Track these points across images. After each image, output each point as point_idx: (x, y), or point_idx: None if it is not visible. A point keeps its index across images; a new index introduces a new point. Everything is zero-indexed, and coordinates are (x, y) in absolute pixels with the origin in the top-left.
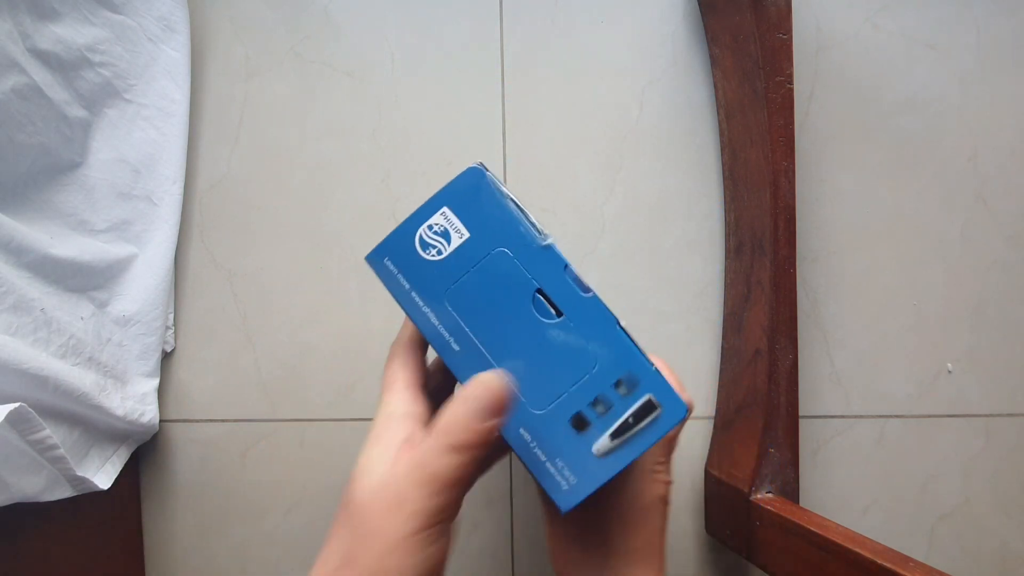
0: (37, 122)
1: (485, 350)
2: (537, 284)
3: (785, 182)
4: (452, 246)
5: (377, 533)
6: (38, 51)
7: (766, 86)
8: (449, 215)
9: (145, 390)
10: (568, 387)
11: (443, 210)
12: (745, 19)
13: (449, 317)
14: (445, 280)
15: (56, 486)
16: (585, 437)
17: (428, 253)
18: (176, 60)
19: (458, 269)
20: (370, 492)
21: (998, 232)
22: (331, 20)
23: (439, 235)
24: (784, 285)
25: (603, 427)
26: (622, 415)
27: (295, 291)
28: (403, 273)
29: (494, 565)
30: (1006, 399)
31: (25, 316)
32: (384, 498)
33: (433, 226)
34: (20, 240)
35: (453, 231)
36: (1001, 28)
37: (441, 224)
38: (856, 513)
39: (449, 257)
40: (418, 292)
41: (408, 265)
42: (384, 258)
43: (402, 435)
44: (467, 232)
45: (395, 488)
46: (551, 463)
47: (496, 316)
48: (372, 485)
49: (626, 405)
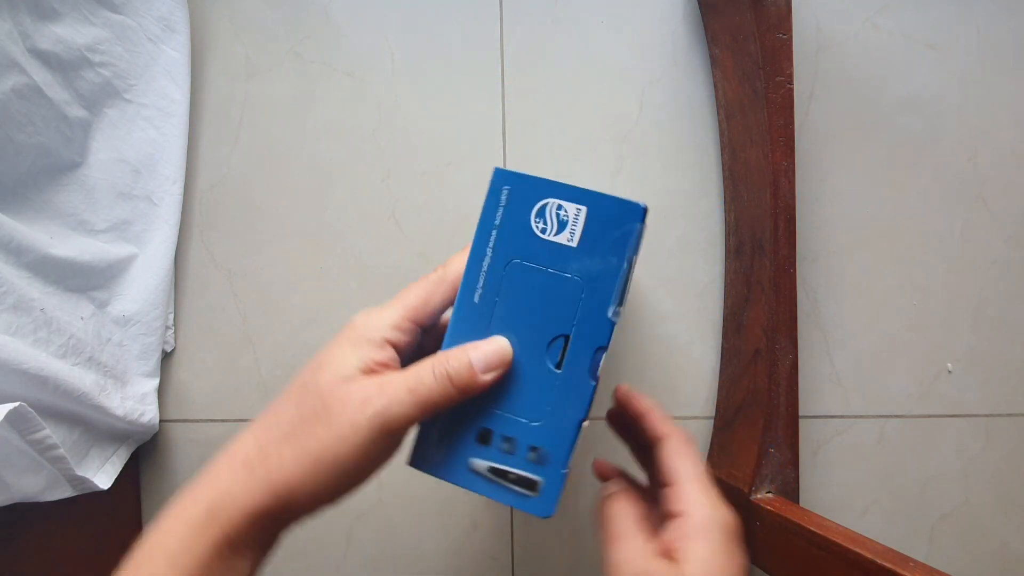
0: (37, 122)
1: (492, 325)
2: (571, 333)
3: (785, 182)
4: (554, 238)
5: (338, 420)
6: (38, 51)
7: (766, 86)
8: (581, 216)
9: (145, 390)
10: (508, 411)
11: (582, 207)
12: (745, 19)
13: (497, 277)
14: (524, 252)
15: (56, 486)
16: (475, 448)
17: (535, 222)
18: (176, 60)
19: (541, 257)
20: (341, 386)
21: (998, 232)
22: (331, 20)
23: (558, 220)
24: (784, 285)
25: (492, 457)
26: (512, 468)
27: (295, 291)
28: (505, 211)
29: (494, 565)
30: (1006, 399)
31: (25, 316)
32: (354, 394)
33: (563, 209)
34: (20, 240)
35: (569, 229)
36: (1001, 28)
37: (570, 215)
38: (856, 513)
39: (545, 242)
40: (498, 235)
41: (514, 212)
42: (506, 186)
43: (379, 356)
44: (577, 242)
45: (369, 391)
46: (440, 435)
47: (523, 315)
48: (342, 380)
49: (522, 466)
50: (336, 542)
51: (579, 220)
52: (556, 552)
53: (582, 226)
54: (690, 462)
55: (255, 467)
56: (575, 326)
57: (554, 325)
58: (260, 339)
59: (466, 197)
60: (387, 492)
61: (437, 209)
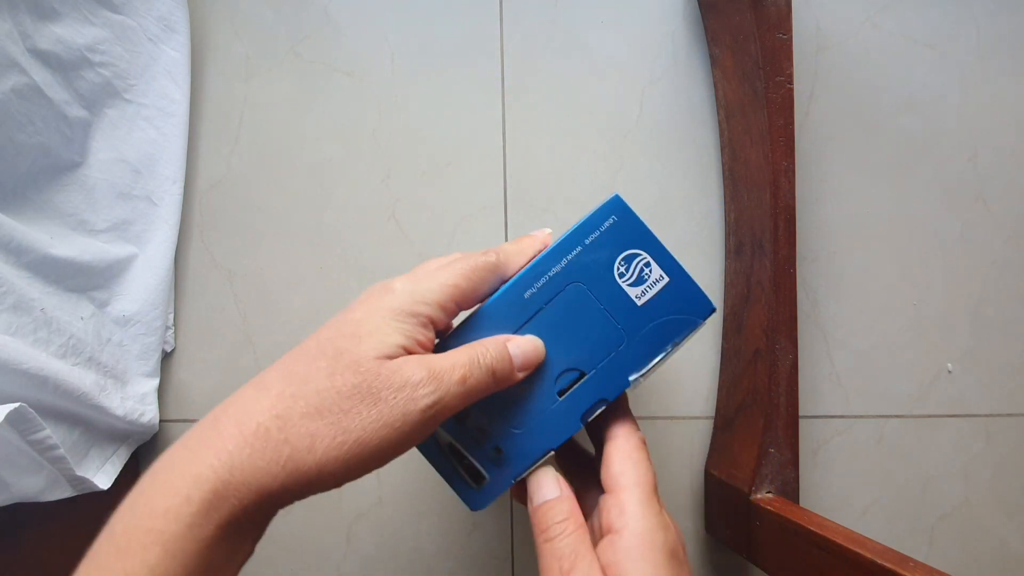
0: (37, 122)
1: (528, 326)
2: (588, 374)
3: (785, 182)
4: (627, 287)
5: (388, 406)
6: (38, 51)
7: (766, 86)
8: (661, 284)
9: (145, 390)
10: (498, 408)
11: (666, 278)
12: (745, 19)
13: (555, 288)
14: (592, 283)
15: (56, 486)
16: (451, 422)
17: (619, 264)
18: (176, 60)
19: (604, 296)
20: (387, 365)
21: (998, 232)
22: (331, 20)
23: (639, 274)
24: (784, 285)
25: (460, 438)
26: (471, 456)
27: (295, 291)
28: (599, 237)
29: (494, 565)
30: (1006, 399)
31: (25, 316)
32: (406, 379)
33: (650, 268)
34: (20, 240)
35: (643, 288)
36: (1001, 28)
37: (652, 277)
38: (856, 513)
39: (617, 286)
40: (579, 255)
41: (606, 244)
42: (614, 216)
43: (421, 336)
44: (642, 303)
45: (421, 376)
46: None
47: (559, 334)
48: (387, 359)
49: (480, 458)
50: (336, 542)
51: (656, 286)
52: None
53: (655, 293)
54: (634, 467)
55: (275, 442)
56: (595, 370)
57: (579, 358)
58: (260, 339)
59: (466, 197)
60: (387, 492)
61: (437, 209)
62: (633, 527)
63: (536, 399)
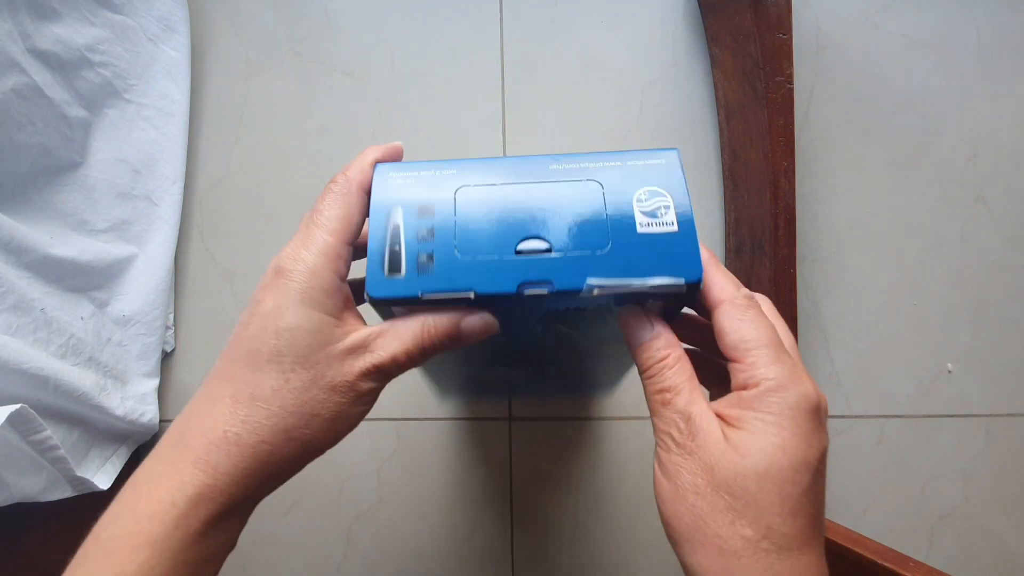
0: (37, 122)
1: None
2: (554, 253)
3: (785, 182)
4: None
5: (340, 397)
6: (38, 51)
7: (766, 86)
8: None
9: (145, 390)
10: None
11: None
12: (745, 19)
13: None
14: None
15: (56, 486)
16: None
17: (638, 193)
18: (176, 60)
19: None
20: (331, 357)
21: (998, 232)
22: (331, 20)
23: (652, 207)
24: (784, 285)
25: (407, 242)
26: (404, 245)
27: None
28: (637, 167)
29: (494, 565)
30: (1006, 399)
31: (25, 316)
32: (349, 367)
33: (665, 208)
34: (20, 240)
35: (652, 220)
36: (1001, 28)
37: (660, 214)
38: (856, 513)
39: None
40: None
41: (639, 171)
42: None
43: (338, 302)
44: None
45: (364, 361)
46: None
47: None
48: (325, 346)
49: (411, 250)
50: (336, 542)
51: (663, 227)
52: (556, 552)
53: (658, 231)
54: (751, 327)
55: (251, 444)
56: (563, 254)
57: (555, 235)
58: None
59: None
60: (387, 492)
61: None
62: (764, 383)
63: (492, 240)
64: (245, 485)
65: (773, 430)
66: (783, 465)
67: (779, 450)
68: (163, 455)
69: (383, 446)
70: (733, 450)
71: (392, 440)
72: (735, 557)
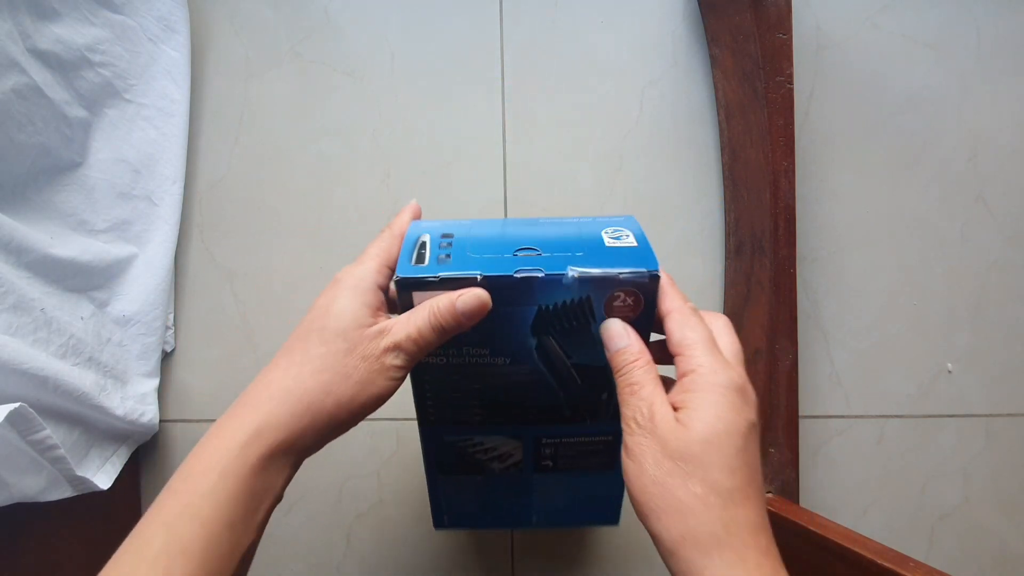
0: (37, 122)
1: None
2: (542, 253)
3: (785, 182)
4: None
5: (371, 357)
6: (38, 51)
7: (766, 86)
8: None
9: (145, 390)
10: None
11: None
12: (745, 19)
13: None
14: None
15: (56, 486)
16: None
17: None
18: (176, 60)
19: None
20: (363, 331)
21: (998, 232)
22: (331, 20)
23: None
24: (784, 285)
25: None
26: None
27: (295, 291)
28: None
29: (494, 565)
30: (1006, 399)
31: (25, 316)
32: (380, 337)
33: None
34: (20, 240)
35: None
36: (1001, 28)
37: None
38: (856, 513)
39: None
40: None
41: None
42: None
43: (375, 301)
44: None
45: (381, 335)
46: None
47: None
48: (361, 326)
49: (435, 242)
50: (336, 542)
51: (625, 242)
52: (556, 552)
53: (621, 245)
54: (692, 329)
55: (296, 395)
56: (549, 254)
57: (541, 243)
58: (260, 339)
59: (466, 197)
60: (387, 492)
61: (437, 209)
62: (699, 369)
63: (496, 247)
64: (291, 430)
65: (709, 405)
66: (719, 430)
67: (715, 419)
68: (230, 411)
69: (383, 447)
70: (681, 426)
71: (392, 441)
72: (691, 514)
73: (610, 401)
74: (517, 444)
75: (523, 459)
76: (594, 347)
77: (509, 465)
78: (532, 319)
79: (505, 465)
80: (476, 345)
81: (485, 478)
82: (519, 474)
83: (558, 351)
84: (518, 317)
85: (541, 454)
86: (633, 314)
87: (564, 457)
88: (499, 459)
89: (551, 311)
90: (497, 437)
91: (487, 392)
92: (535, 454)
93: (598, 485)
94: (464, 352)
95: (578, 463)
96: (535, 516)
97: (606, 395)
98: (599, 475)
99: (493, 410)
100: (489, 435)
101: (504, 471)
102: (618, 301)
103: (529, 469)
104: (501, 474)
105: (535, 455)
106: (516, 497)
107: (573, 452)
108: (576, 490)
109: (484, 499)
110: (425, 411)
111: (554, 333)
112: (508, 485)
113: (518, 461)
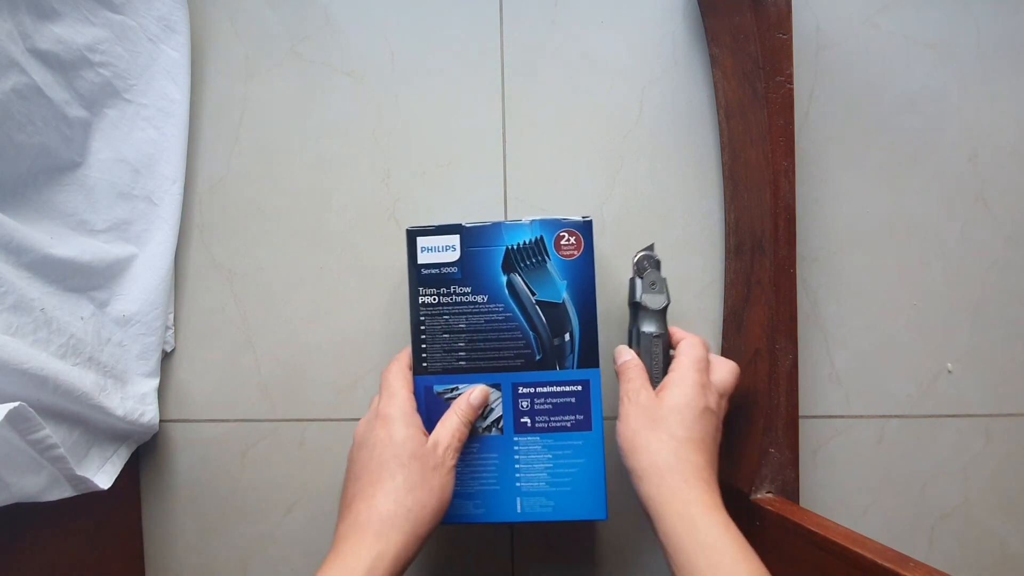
0: (37, 122)
1: None
2: None
3: (785, 182)
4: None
5: (442, 471)
6: (38, 51)
7: (766, 86)
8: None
9: (145, 390)
10: None
11: None
12: (745, 19)
13: None
14: None
15: (56, 486)
16: None
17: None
18: (176, 60)
19: None
20: (428, 450)
21: (998, 232)
22: (331, 20)
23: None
24: (784, 285)
25: None
26: None
27: (295, 291)
28: None
29: (494, 565)
30: (1006, 399)
31: (25, 316)
32: (438, 455)
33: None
34: (20, 240)
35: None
36: (1001, 28)
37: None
38: (856, 513)
39: None
40: None
41: None
42: None
43: (419, 422)
44: None
45: (435, 449)
46: None
47: None
48: (421, 446)
49: None
50: None
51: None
52: (556, 552)
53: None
54: (687, 355)
55: (401, 515)
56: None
57: None
58: (260, 339)
59: (466, 197)
60: None
61: (437, 209)
62: (671, 388)
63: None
64: (404, 546)
65: (677, 389)
66: (681, 404)
67: (680, 396)
68: (344, 535)
69: None
70: (658, 400)
71: None
72: (655, 452)
73: (572, 345)
74: (498, 395)
75: (503, 415)
76: (552, 284)
77: (491, 424)
78: (502, 260)
79: (487, 423)
80: (461, 284)
81: (471, 443)
82: (501, 437)
83: (524, 287)
84: (492, 257)
85: (519, 408)
86: (577, 252)
87: (541, 412)
88: (482, 416)
89: (515, 250)
90: (480, 385)
91: (471, 334)
92: (514, 407)
93: (580, 477)
94: (452, 290)
95: (555, 422)
96: (522, 501)
97: (568, 336)
98: (578, 439)
99: (476, 354)
100: (473, 382)
101: (487, 430)
102: (563, 240)
103: (510, 429)
104: (484, 434)
105: (514, 408)
106: (503, 469)
107: (549, 405)
108: (557, 467)
109: (473, 469)
110: (420, 357)
111: (519, 270)
112: (493, 448)
113: (499, 418)
